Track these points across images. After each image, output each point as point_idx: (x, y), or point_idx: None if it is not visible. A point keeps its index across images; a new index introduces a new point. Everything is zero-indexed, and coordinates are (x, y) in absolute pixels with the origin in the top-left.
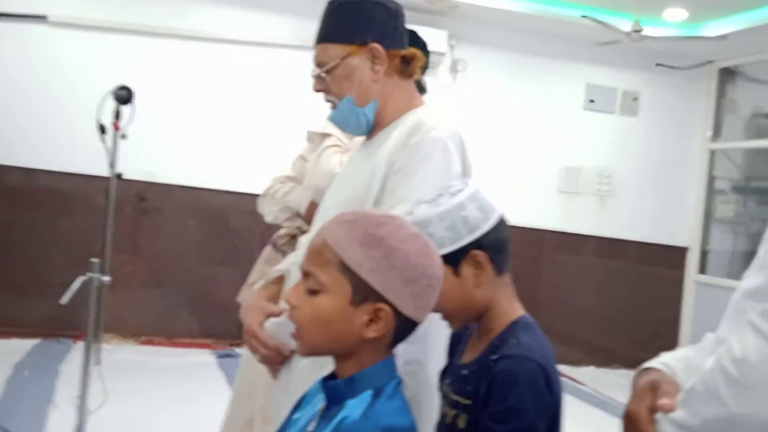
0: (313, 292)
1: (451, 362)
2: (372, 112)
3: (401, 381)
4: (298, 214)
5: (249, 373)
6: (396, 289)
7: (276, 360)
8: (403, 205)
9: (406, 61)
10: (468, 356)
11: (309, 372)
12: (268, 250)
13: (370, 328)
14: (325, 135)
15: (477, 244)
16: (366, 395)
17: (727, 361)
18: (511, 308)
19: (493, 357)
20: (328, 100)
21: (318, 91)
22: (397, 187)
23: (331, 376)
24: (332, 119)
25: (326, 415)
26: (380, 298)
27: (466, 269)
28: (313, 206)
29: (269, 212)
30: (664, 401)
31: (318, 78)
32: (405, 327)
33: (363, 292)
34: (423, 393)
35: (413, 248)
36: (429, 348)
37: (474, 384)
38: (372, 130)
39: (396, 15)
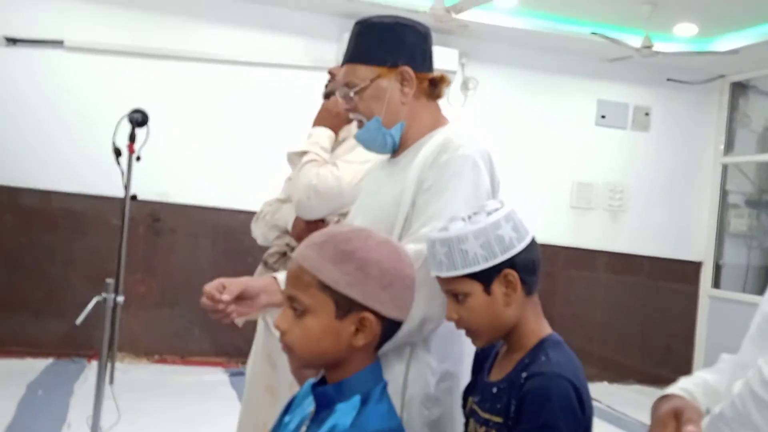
0: (299, 315)
1: (478, 379)
2: (398, 133)
3: (386, 384)
4: (286, 232)
5: (252, 388)
6: (376, 296)
7: (209, 306)
8: (435, 222)
9: (434, 83)
10: (496, 374)
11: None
12: (259, 270)
13: (357, 337)
14: (303, 153)
15: (510, 263)
16: (354, 401)
17: (757, 385)
18: (539, 326)
19: (524, 375)
20: (355, 119)
21: (345, 110)
22: (428, 204)
23: (321, 381)
24: (358, 138)
25: (316, 419)
26: (363, 308)
27: (498, 288)
28: (298, 222)
29: (260, 234)
30: (690, 428)
31: (346, 97)
32: (390, 328)
33: (345, 306)
34: (456, 409)
35: (384, 255)
36: (464, 365)
37: (504, 402)
38: (397, 149)
39: (425, 38)
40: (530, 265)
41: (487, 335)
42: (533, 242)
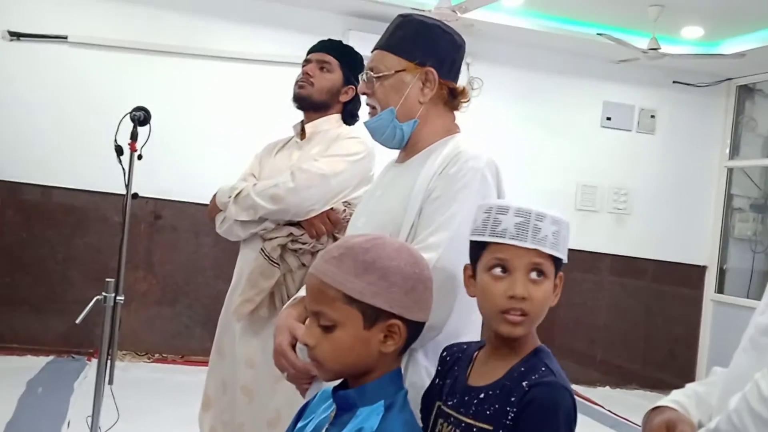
0: (327, 329)
1: (451, 382)
2: (409, 129)
3: (407, 392)
4: (288, 223)
5: (229, 387)
6: (400, 302)
7: (303, 380)
8: (443, 232)
9: (454, 94)
10: (479, 379)
11: None
12: (261, 263)
13: (387, 344)
14: (237, 193)
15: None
16: (379, 406)
17: (754, 400)
18: (533, 334)
19: (525, 383)
20: (369, 104)
21: (362, 93)
22: (436, 213)
23: (341, 386)
24: (368, 125)
25: (336, 422)
26: (390, 315)
27: (554, 280)
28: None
29: (243, 213)
30: None
31: (367, 81)
32: (415, 330)
33: (373, 315)
34: None
35: (403, 260)
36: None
37: (494, 408)
38: (403, 146)
39: (458, 49)
40: None
41: (533, 323)
42: None
